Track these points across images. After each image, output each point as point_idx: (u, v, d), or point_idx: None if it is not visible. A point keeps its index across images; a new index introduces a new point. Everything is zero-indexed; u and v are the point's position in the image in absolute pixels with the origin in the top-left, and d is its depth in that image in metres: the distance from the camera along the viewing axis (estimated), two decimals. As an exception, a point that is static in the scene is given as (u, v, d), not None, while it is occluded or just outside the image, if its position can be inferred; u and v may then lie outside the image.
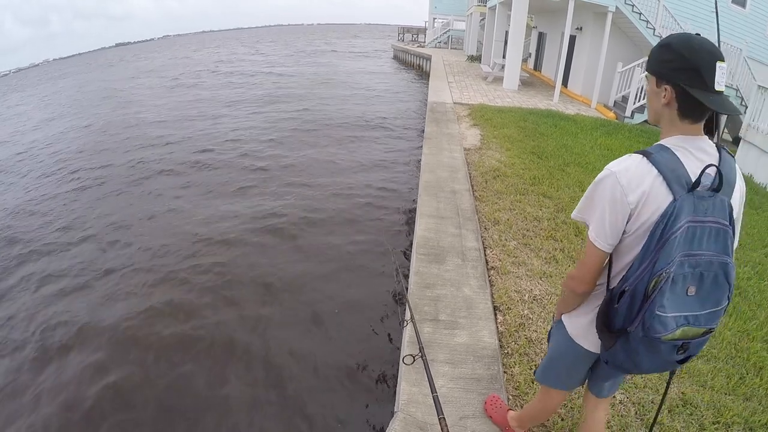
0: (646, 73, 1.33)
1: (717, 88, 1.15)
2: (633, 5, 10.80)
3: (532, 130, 8.17)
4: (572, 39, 12.83)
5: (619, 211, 1.24)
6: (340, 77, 22.25)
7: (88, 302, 4.74)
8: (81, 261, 5.63)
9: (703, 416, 2.37)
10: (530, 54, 19.14)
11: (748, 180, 6.87)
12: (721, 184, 1.16)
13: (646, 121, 10.28)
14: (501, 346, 2.86)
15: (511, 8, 12.66)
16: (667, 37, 1.25)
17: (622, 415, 2.37)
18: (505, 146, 7.11)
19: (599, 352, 1.49)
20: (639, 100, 10.08)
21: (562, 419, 2.34)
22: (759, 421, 2.36)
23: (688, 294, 1.18)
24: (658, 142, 1.27)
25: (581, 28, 12.48)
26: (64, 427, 3.29)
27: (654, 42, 10.94)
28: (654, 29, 10.96)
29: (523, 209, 4.82)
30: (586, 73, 12.27)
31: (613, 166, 1.27)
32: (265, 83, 20.95)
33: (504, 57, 14.21)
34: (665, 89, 1.23)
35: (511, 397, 2.48)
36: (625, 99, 10.69)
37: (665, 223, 1.15)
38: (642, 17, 10.89)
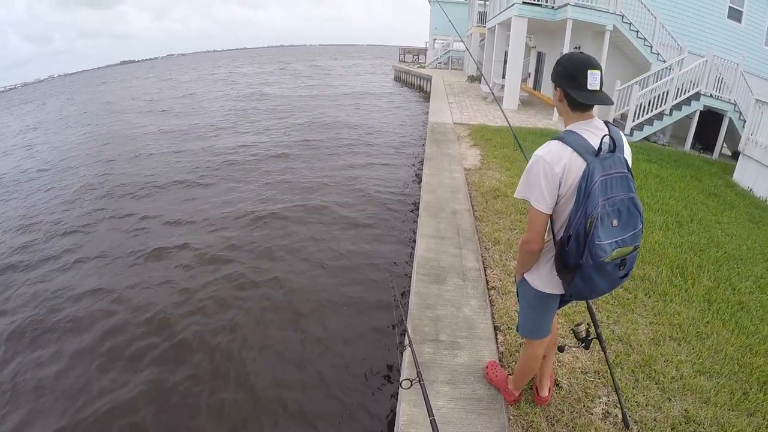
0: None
1: (590, 87, 1.65)
2: (630, 23, 10.97)
3: (532, 149, 8.19)
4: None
5: (551, 181, 1.69)
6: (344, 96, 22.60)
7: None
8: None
9: (706, 433, 2.37)
10: (529, 74, 19.41)
11: (748, 194, 6.97)
12: (615, 146, 1.67)
13: (645, 138, 10.32)
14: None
15: (510, 29, 12.93)
16: (561, 56, 1.77)
17: (623, 434, 2.36)
18: (505, 166, 7.19)
19: (562, 293, 1.93)
20: (638, 118, 10.03)
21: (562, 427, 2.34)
22: (763, 437, 2.35)
23: (613, 226, 1.62)
24: (566, 129, 1.77)
25: (580, 47, 12.68)
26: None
27: (651, 59, 11.10)
28: (651, 47, 11.13)
29: (523, 229, 4.85)
30: (585, 92, 12.38)
31: (539, 151, 1.74)
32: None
33: (503, 77, 14.41)
34: (558, 90, 1.75)
35: (512, 417, 2.49)
36: (624, 117, 10.52)
37: (586, 181, 1.61)
38: (639, 35, 11.06)
